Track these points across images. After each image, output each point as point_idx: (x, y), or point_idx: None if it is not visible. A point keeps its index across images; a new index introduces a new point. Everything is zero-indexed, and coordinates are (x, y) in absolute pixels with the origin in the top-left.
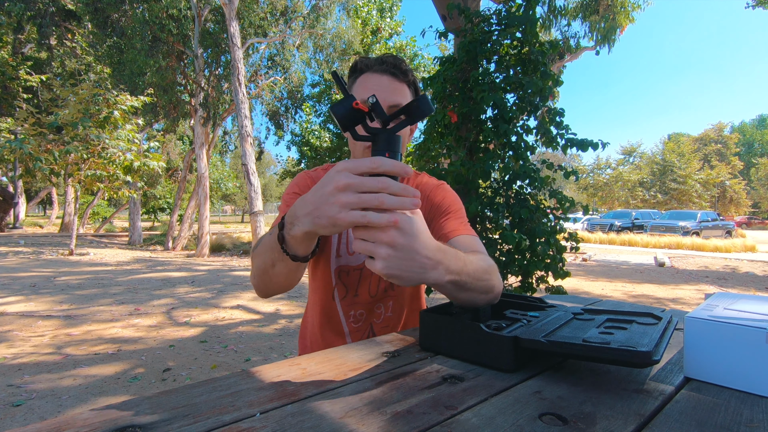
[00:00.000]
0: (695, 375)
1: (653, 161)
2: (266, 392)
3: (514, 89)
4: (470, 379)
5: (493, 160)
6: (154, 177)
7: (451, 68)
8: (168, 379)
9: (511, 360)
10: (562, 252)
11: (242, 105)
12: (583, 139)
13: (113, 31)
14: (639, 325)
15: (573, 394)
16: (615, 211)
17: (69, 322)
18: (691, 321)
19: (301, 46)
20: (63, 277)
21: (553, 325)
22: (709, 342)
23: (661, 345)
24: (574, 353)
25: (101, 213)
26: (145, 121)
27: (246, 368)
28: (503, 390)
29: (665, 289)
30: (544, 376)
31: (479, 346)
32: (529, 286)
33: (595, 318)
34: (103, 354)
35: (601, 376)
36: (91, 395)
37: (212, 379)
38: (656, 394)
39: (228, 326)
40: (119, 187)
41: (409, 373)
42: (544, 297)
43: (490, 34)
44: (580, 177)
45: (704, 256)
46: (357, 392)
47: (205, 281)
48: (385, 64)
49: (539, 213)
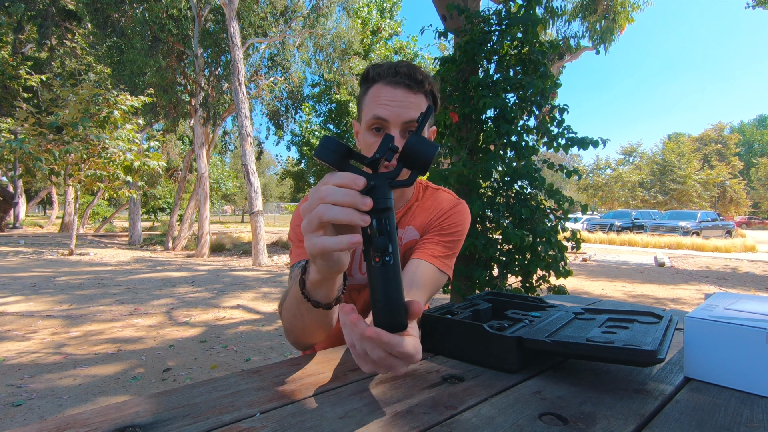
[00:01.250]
0: (695, 375)
1: (653, 161)
2: (266, 392)
3: (514, 89)
4: (470, 379)
5: (494, 160)
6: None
7: (451, 68)
8: (168, 379)
9: (515, 360)
10: (563, 251)
11: (242, 105)
12: (584, 138)
13: (113, 31)
14: (641, 324)
15: (573, 394)
16: (615, 211)
17: (69, 321)
18: (692, 321)
19: (301, 46)
20: (63, 277)
21: (555, 325)
22: (709, 342)
23: (665, 343)
24: (578, 353)
25: (101, 213)
26: (145, 121)
27: (246, 368)
28: (503, 390)
29: (665, 289)
30: (544, 376)
31: (482, 347)
32: (530, 286)
33: (596, 318)
34: (103, 354)
35: (601, 376)
36: (91, 395)
37: (212, 379)
38: (656, 394)
39: (228, 326)
40: (119, 187)
41: (409, 373)
42: (544, 297)
43: (491, 34)
44: (580, 177)
45: (704, 256)
46: (357, 392)
47: (205, 281)
48: (399, 75)
49: (540, 213)
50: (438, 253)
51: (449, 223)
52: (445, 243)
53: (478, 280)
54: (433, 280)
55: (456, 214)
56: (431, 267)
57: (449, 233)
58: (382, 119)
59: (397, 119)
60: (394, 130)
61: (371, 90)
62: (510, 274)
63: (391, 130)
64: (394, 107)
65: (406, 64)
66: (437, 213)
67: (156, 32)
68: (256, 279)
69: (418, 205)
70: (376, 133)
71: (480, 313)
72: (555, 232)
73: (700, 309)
